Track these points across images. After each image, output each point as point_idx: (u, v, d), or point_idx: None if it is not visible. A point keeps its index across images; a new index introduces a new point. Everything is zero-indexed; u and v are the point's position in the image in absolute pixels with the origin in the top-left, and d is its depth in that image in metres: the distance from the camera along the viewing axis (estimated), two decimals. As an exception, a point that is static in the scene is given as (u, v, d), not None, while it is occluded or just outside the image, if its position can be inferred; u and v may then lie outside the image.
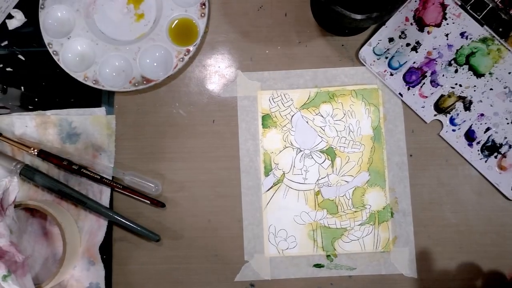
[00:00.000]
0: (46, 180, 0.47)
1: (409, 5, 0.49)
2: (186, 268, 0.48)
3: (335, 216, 0.48)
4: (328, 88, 0.49)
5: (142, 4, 0.50)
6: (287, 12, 0.51)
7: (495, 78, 0.48)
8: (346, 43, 0.50)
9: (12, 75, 0.50)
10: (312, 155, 0.48)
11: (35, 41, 0.50)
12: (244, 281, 0.47)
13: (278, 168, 0.48)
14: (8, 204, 0.41)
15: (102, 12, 0.50)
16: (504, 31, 0.49)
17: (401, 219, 0.48)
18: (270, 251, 0.47)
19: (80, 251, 0.47)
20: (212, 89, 0.50)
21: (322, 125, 0.49)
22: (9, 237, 0.40)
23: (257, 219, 0.48)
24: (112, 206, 0.48)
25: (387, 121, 0.49)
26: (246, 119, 0.49)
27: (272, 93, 0.49)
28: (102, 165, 0.48)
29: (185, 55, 0.48)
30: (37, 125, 0.49)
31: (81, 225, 0.48)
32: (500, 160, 0.48)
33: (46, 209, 0.43)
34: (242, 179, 0.48)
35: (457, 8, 0.49)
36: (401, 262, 0.47)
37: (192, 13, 0.48)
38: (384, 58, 0.49)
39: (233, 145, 0.49)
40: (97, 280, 0.47)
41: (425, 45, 0.49)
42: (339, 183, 0.48)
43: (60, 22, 0.49)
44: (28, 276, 0.41)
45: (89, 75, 0.48)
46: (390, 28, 0.49)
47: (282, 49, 0.50)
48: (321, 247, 0.47)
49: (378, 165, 0.48)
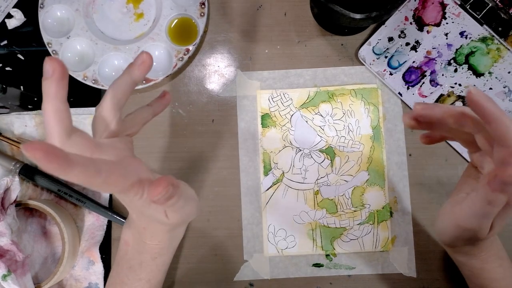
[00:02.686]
0: (45, 179, 0.47)
1: (408, 5, 0.49)
2: (186, 268, 0.48)
3: (335, 215, 0.48)
4: (328, 87, 0.49)
5: (141, 3, 0.50)
6: (287, 11, 0.51)
7: (494, 78, 0.48)
8: (345, 43, 0.50)
9: (12, 75, 0.50)
10: (312, 154, 0.48)
11: (34, 41, 0.50)
12: (243, 281, 0.47)
13: (277, 168, 0.48)
14: (9, 203, 0.41)
15: (102, 12, 0.50)
16: (504, 31, 0.49)
17: (401, 219, 0.48)
18: (269, 250, 0.47)
19: (80, 250, 0.47)
20: (211, 88, 0.50)
21: (321, 124, 0.49)
22: (10, 236, 0.40)
23: (256, 218, 0.48)
24: (112, 206, 0.48)
25: (387, 120, 0.49)
26: (245, 118, 0.49)
27: (272, 92, 0.49)
28: (102, 164, 0.48)
29: (185, 54, 0.48)
30: (36, 124, 0.49)
31: (81, 225, 0.48)
32: (500, 159, 0.48)
33: (46, 209, 0.43)
34: (241, 178, 0.48)
35: (456, 8, 0.49)
36: (400, 261, 0.47)
37: (192, 13, 0.48)
38: (383, 58, 0.49)
39: (232, 145, 0.49)
40: (96, 279, 0.47)
41: (425, 45, 0.49)
42: (338, 183, 0.48)
43: (60, 21, 0.49)
44: (28, 276, 0.41)
45: (89, 74, 0.48)
46: (389, 27, 0.49)
47: (282, 49, 0.50)
48: (321, 247, 0.47)
49: (378, 165, 0.48)
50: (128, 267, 0.37)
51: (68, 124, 0.29)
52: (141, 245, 0.36)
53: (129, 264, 0.37)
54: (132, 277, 0.37)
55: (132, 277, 0.37)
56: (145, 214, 0.32)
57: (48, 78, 0.28)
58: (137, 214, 0.34)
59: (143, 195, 0.29)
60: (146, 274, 0.37)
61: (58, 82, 0.28)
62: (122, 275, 0.37)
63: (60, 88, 0.28)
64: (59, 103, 0.28)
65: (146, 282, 0.37)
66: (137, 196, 0.29)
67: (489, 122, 0.27)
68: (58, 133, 0.28)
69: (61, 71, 0.28)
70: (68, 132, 0.29)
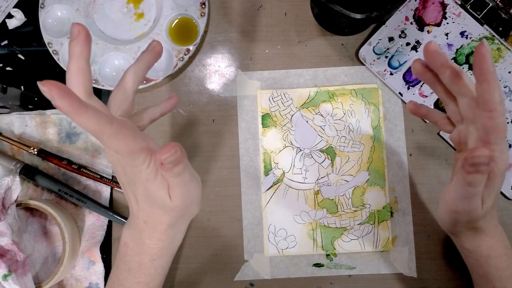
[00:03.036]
0: (45, 179, 0.47)
1: (409, 5, 0.49)
2: (186, 268, 0.48)
3: (335, 215, 0.48)
4: (328, 87, 0.49)
5: (142, 3, 0.50)
6: (287, 11, 0.51)
7: (495, 78, 0.48)
8: (346, 43, 0.50)
9: (12, 75, 0.51)
10: (312, 154, 0.48)
11: (35, 41, 0.50)
12: (243, 281, 0.47)
13: (278, 168, 0.48)
14: (10, 203, 0.41)
15: (102, 12, 0.50)
16: (504, 31, 0.48)
17: (401, 219, 0.48)
18: (269, 250, 0.47)
19: (80, 250, 0.47)
20: (212, 88, 0.50)
21: (322, 124, 0.49)
22: (11, 236, 0.40)
23: (256, 218, 0.48)
24: (112, 206, 0.48)
25: (387, 120, 0.49)
26: (246, 118, 0.49)
27: (272, 92, 0.49)
28: (102, 164, 0.48)
29: (185, 54, 0.48)
30: (37, 124, 0.49)
31: (81, 225, 0.48)
32: (500, 159, 0.48)
33: (46, 209, 0.43)
34: (241, 178, 0.48)
35: (457, 8, 0.49)
36: (400, 261, 0.47)
37: (192, 13, 0.48)
38: (384, 58, 0.49)
39: (233, 145, 0.49)
40: (97, 279, 0.47)
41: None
42: (338, 183, 0.48)
43: (60, 21, 0.49)
44: (28, 276, 0.41)
45: (89, 74, 0.48)
46: (390, 27, 0.49)
47: (282, 49, 0.50)
48: (321, 247, 0.47)
49: (378, 165, 0.48)
50: (127, 269, 0.37)
51: (89, 84, 0.31)
52: (140, 245, 0.36)
53: (128, 267, 0.37)
54: (131, 280, 0.37)
55: (131, 280, 0.37)
56: (149, 191, 0.33)
57: (74, 39, 0.30)
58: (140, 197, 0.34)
59: (150, 163, 0.31)
60: (144, 276, 0.37)
61: (83, 42, 0.30)
62: (121, 278, 0.37)
63: (85, 48, 0.31)
64: (83, 62, 0.31)
65: (145, 285, 0.37)
66: (145, 164, 0.31)
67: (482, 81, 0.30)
68: (79, 91, 0.30)
69: (86, 33, 0.30)
70: (89, 92, 0.31)
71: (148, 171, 0.31)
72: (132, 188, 0.34)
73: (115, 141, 0.29)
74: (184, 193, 0.33)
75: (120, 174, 0.34)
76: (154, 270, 0.37)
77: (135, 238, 0.36)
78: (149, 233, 0.36)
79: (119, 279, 0.37)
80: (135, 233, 0.36)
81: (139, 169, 0.31)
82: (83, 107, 0.26)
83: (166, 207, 0.34)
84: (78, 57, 0.30)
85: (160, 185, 0.32)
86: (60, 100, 0.25)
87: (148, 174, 0.32)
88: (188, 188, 0.34)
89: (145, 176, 0.32)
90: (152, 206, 0.34)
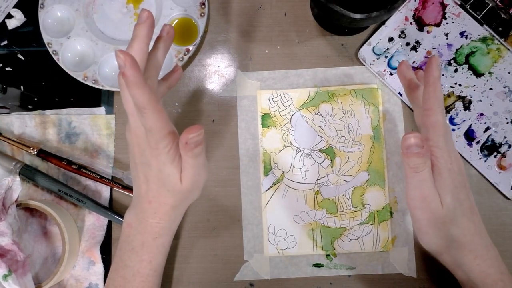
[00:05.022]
0: (45, 179, 0.47)
1: (408, 5, 0.49)
2: (186, 268, 0.48)
3: (335, 215, 0.48)
4: (328, 87, 0.49)
5: (141, 3, 0.50)
6: (287, 11, 0.51)
7: (494, 78, 0.48)
8: (345, 43, 0.50)
9: (12, 75, 0.50)
10: (312, 154, 0.49)
11: (34, 41, 0.50)
12: (243, 281, 0.47)
13: (277, 168, 0.48)
14: (10, 202, 0.41)
15: (102, 12, 0.50)
16: (504, 31, 0.48)
17: (401, 219, 0.48)
18: (269, 250, 0.47)
19: (80, 251, 0.47)
20: (211, 88, 0.50)
21: (321, 124, 0.49)
22: (11, 236, 0.40)
23: (256, 218, 0.48)
24: (112, 206, 0.48)
25: (387, 120, 0.49)
26: (245, 118, 0.49)
27: (272, 92, 0.49)
28: (102, 164, 0.48)
29: (185, 54, 0.48)
30: (36, 124, 0.49)
31: (81, 225, 0.48)
32: (500, 159, 0.48)
33: (46, 209, 0.43)
34: (241, 178, 0.48)
35: (456, 8, 0.49)
36: (400, 261, 0.47)
37: (192, 13, 0.48)
38: (383, 58, 0.49)
39: (232, 145, 0.49)
40: (96, 280, 0.47)
41: (425, 45, 0.49)
42: (338, 183, 0.48)
43: (60, 21, 0.49)
44: (28, 276, 0.41)
45: (89, 74, 0.48)
46: (389, 27, 0.49)
47: (282, 49, 0.50)
48: (321, 247, 0.47)
49: (378, 165, 0.48)
50: (130, 248, 0.39)
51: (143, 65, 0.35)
52: (144, 225, 0.38)
53: (131, 246, 0.39)
54: (134, 259, 0.39)
55: (134, 259, 0.39)
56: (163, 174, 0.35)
57: (142, 22, 0.34)
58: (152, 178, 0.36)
59: (171, 148, 0.34)
60: (147, 254, 0.39)
61: (149, 27, 0.34)
62: (124, 258, 0.39)
63: (149, 32, 0.34)
64: (144, 45, 0.34)
65: (147, 263, 0.39)
66: (166, 149, 0.34)
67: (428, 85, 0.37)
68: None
69: (152, 20, 0.34)
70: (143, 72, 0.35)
71: (168, 155, 0.34)
72: (145, 169, 0.36)
73: (155, 117, 0.32)
74: (194, 176, 0.36)
75: (136, 155, 0.37)
76: (156, 248, 0.39)
77: (139, 218, 0.38)
78: (152, 212, 0.38)
79: (123, 260, 0.39)
80: (139, 213, 0.38)
81: (159, 152, 0.34)
82: (144, 81, 0.30)
83: (175, 190, 0.36)
84: (142, 39, 0.34)
85: (175, 169, 0.35)
86: (130, 69, 0.29)
87: (166, 158, 0.34)
88: (199, 172, 0.36)
89: (163, 160, 0.34)
90: (160, 187, 0.36)
